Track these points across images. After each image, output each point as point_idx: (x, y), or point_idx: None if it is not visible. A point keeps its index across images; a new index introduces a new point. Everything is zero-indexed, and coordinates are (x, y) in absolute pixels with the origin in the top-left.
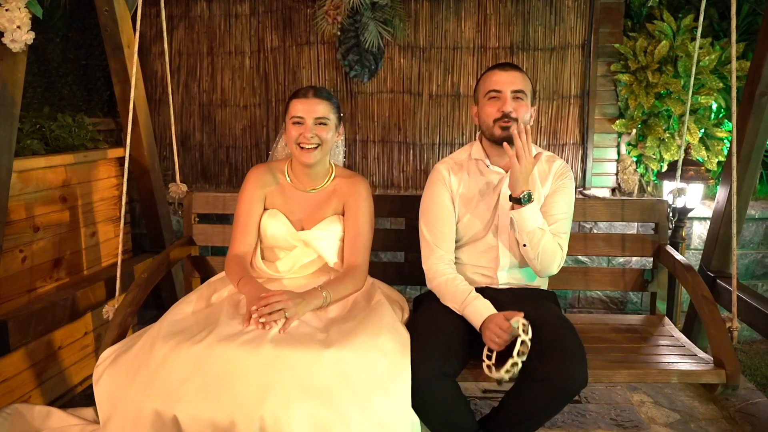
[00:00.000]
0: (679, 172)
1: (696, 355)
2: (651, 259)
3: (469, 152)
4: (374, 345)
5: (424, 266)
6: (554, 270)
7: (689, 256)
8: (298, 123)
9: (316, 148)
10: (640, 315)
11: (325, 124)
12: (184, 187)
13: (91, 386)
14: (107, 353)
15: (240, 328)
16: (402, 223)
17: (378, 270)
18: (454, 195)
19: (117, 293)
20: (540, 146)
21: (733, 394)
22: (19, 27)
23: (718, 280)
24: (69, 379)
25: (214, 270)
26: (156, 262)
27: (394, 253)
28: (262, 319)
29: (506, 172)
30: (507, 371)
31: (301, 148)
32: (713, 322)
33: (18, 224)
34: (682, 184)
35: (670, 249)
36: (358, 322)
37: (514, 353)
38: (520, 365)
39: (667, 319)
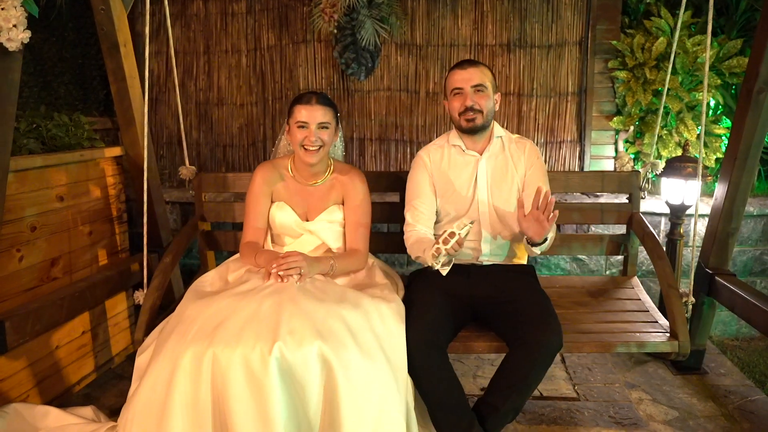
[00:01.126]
0: (654, 149)
1: (657, 321)
2: (624, 226)
3: (447, 139)
4: (375, 308)
5: (406, 243)
6: None
7: (687, 253)
8: (303, 127)
9: (319, 149)
10: (612, 276)
11: (326, 127)
12: (193, 169)
13: (89, 385)
14: (149, 340)
15: (261, 284)
16: (396, 197)
17: (377, 240)
18: (434, 176)
19: (144, 281)
20: (537, 144)
21: (683, 360)
22: (14, 26)
23: (716, 277)
24: (67, 378)
25: (223, 244)
26: (175, 245)
27: (391, 225)
28: (281, 272)
29: (480, 155)
30: (433, 255)
31: (306, 149)
32: (671, 296)
33: (15, 224)
34: (656, 161)
35: (642, 217)
36: (361, 291)
37: (440, 240)
38: (443, 251)
39: (635, 280)
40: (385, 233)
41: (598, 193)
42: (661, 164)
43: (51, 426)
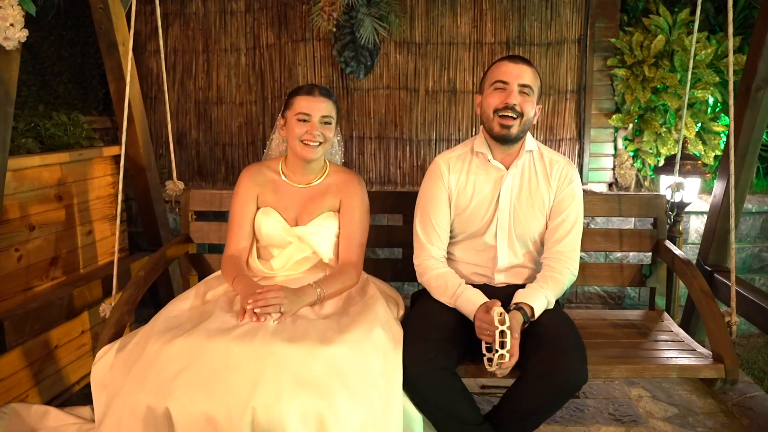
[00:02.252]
0: (677, 167)
1: (695, 350)
2: (649, 254)
3: (472, 145)
4: (368, 340)
5: (415, 262)
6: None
7: (686, 251)
8: (304, 120)
9: (320, 145)
10: (638, 310)
11: (329, 123)
12: (181, 185)
13: (88, 385)
14: (103, 352)
15: (234, 323)
16: (399, 219)
17: (374, 266)
18: (452, 191)
19: (114, 291)
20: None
21: (732, 389)
22: (12, 24)
23: (715, 274)
24: (66, 378)
25: (211, 267)
26: (153, 260)
27: (391, 249)
28: (257, 310)
29: (507, 169)
30: (497, 364)
31: (305, 144)
32: (712, 316)
33: (13, 223)
34: (680, 179)
35: (668, 244)
36: (352, 318)
37: (496, 345)
38: (507, 356)
39: (666, 314)
40: (389, 260)
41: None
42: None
43: (50, 426)
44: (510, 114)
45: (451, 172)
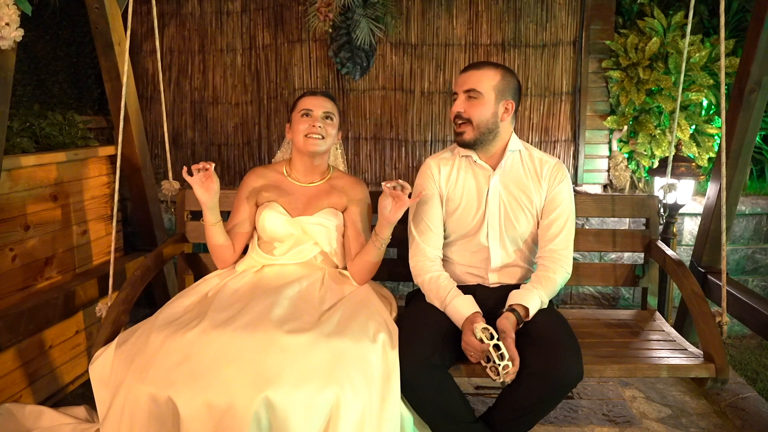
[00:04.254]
0: (669, 168)
1: (686, 349)
2: (642, 254)
3: (457, 149)
4: (366, 336)
5: (411, 263)
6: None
7: (680, 252)
8: (307, 115)
9: (322, 139)
10: (631, 310)
11: (331, 119)
12: (176, 185)
13: (82, 385)
14: (101, 351)
15: (234, 314)
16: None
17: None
18: (443, 191)
19: (110, 291)
20: (531, 143)
21: (722, 388)
22: (7, 24)
23: (708, 276)
24: (60, 378)
25: (206, 267)
26: (149, 260)
27: (386, 250)
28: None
29: (493, 169)
30: (503, 375)
31: (308, 137)
32: (703, 316)
33: (8, 222)
34: (673, 180)
35: (661, 244)
36: (351, 315)
37: (495, 358)
38: (510, 365)
39: (658, 314)
40: (384, 260)
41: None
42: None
43: (44, 426)
44: (459, 121)
45: (442, 173)
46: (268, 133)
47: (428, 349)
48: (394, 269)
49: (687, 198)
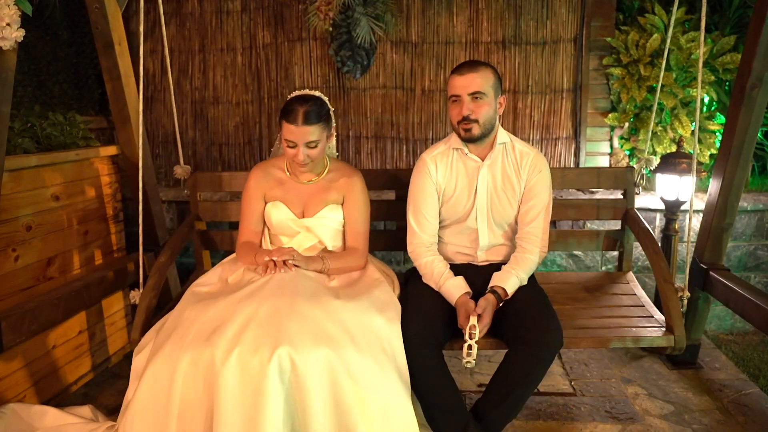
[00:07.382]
0: (648, 144)
1: (653, 316)
2: (620, 222)
3: (449, 143)
4: (373, 307)
5: (408, 248)
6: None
7: (682, 249)
8: (291, 147)
9: (309, 162)
10: (609, 272)
11: (315, 146)
12: (188, 168)
13: (86, 384)
14: (143, 344)
15: (257, 288)
16: (392, 194)
17: (375, 238)
18: (440, 185)
19: (140, 280)
20: (532, 141)
21: (679, 353)
22: (8, 24)
23: (711, 272)
24: (64, 378)
25: (215, 242)
26: (177, 235)
27: (388, 222)
28: (275, 258)
29: (482, 161)
30: (467, 353)
31: (294, 162)
32: (666, 289)
33: (10, 223)
34: (650, 157)
35: (635, 212)
36: (357, 290)
37: (465, 349)
38: (471, 360)
39: (631, 275)
40: (383, 231)
41: (593, 190)
42: (656, 160)
43: (49, 426)
44: (467, 122)
45: (439, 169)
46: (269, 132)
47: (427, 328)
48: (393, 238)
49: (689, 195)
